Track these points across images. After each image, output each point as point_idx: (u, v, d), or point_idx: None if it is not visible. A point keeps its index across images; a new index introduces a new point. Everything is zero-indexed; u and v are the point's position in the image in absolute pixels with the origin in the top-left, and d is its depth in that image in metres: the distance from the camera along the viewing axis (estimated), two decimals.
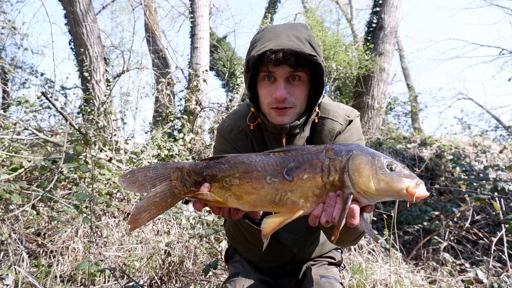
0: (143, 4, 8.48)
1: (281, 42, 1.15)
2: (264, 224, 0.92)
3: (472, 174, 5.05)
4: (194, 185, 0.99)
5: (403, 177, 0.87)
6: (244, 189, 0.95)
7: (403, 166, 0.89)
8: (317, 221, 0.91)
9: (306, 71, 1.22)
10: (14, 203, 2.93)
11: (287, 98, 1.21)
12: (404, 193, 0.86)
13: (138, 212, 0.96)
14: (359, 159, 0.89)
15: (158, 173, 0.99)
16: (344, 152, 0.92)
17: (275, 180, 0.92)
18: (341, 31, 11.46)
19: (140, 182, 0.98)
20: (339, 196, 0.89)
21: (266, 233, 0.91)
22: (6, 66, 7.02)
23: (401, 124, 11.14)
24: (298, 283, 1.49)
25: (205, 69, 7.50)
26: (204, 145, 5.81)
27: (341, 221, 0.86)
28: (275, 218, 0.93)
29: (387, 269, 2.71)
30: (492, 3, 17.08)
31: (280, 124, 1.25)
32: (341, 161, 0.90)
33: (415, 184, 0.87)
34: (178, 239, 2.97)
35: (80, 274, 2.59)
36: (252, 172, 0.95)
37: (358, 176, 0.87)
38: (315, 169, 0.91)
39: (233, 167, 0.97)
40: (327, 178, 0.90)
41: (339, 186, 0.90)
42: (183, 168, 0.99)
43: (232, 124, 1.41)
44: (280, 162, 0.94)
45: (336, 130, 1.33)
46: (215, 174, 0.97)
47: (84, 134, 3.68)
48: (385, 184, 0.86)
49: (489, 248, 3.20)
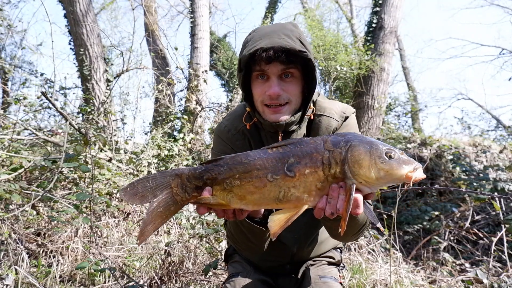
0: (143, 4, 8.48)
1: (271, 40, 1.17)
2: (271, 222, 0.92)
3: (472, 174, 5.04)
4: (196, 190, 0.98)
5: (402, 163, 0.88)
6: (246, 189, 0.94)
7: (401, 152, 0.91)
8: (322, 214, 0.92)
9: (299, 67, 1.24)
10: (14, 203, 2.93)
11: (281, 95, 1.22)
12: (403, 178, 0.88)
13: (145, 226, 0.96)
14: (358, 150, 0.90)
15: (157, 182, 0.98)
16: (343, 143, 0.92)
17: (277, 177, 0.92)
18: (341, 31, 11.45)
19: (141, 193, 0.97)
20: (342, 187, 0.90)
21: (275, 231, 0.91)
22: (6, 66, 7.02)
23: (401, 124, 11.13)
24: (298, 283, 1.49)
25: (205, 69, 7.50)
26: (204, 145, 5.81)
27: (347, 212, 0.87)
28: (281, 215, 0.93)
29: (387, 269, 2.71)
30: (493, 3, 17.09)
31: (275, 122, 1.26)
32: (340, 153, 0.91)
33: (413, 168, 0.88)
34: (178, 239, 2.97)
35: (80, 274, 2.59)
36: (252, 171, 0.94)
37: (359, 168, 0.88)
38: (315, 163, 0.91)
39: (232, 168, 0.96)
40: (328, 171, 0.91)
41: (341, 178, 0.91)
42: (182, 174, 0.99)
43: (229, 125, 1.42)
44: (279, 158, 0.94)
45: (333, 127, 1.34)
46: (215, 177, 0.97)
47: (84, 134, 3.68)
48: (385, 172, 0.88)
49: (489, 248, 3.20)
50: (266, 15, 10.69)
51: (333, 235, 1.32)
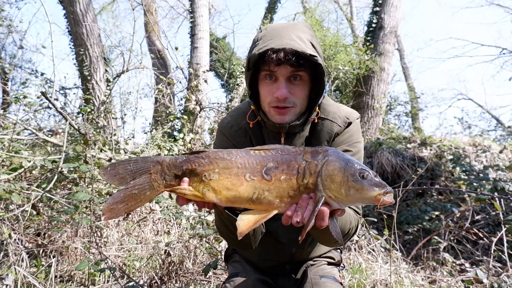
0: (143, 4, 8.48)
1: (283, 42, 1.15)
2: (240, 221, 0.94)
3: (472, 174, 5.04)
4: (174, 179, 1.00)
5: (373, 185, 0.90)
6: (223, 185, 0.96)
7: (374, 175, 0.92)
8: (289, 221, 0.94)
9: (307, 71, 1.23)
10: (14, 203, 2.93)
11: (288, 98, 1.21)
12: (372, 199, 0.90)
13: (114, 202, 0.96)
14: (333, 165, 0.92)
15: (138, 166, 1.00)
16: (321, 156, 0.95)
17: (254, 178, 0.95)
18: (341, 31, 11.45)
19: (121, 175, 0.98)
20: (312, 198, 0.93)
21: (242, 231, 0.93)
22: (6, 66, 7.02)
23: (401, 124, 11.15)
24: (298, 283, 1.49)
25: (205, 69, 7.50)
26: (204, 145, 5.81)
27: (309, 222, 0.90)
28: (251, 216, 0.95)
29: (387, 269, 2.71)
30: (493, 3, 17.08)
31: (280, 123, 1.25)
32: (316, 165, 0.94)
33: (384, 192, 0.89)
34: (178, 239, 2.97)
35: (80, 274, 2.59)
36: (232, 168, 0.96)
37: (331, 182, 0.91)
38: (292, 170, 0.94)
39: (213, 162, 0.98)
40: (301, 181, 0.94)
41: (312, 189, 0.93)
42: (163, 162, 1.00)
43: (232, 121, 1.41)
44: (259, 161, 0.96)
45: (334, 132, 1.34)
46: (195, 169, 0.98)
47: (84, 134, 3.68)
48: (355, 191, 0.90)
49: (489, 248, 3.20)
50: (266, 15, 10.68)
51: (320, 241, 1.34)
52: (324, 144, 1.35)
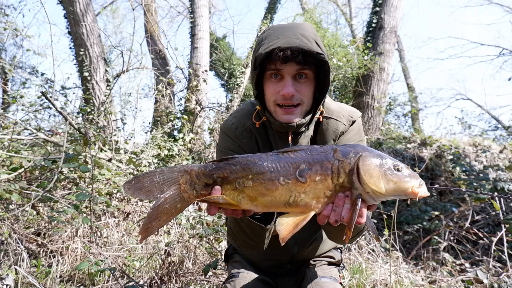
0: (143, 4, 8.48)
1: (289, 40, 1.16)
2: (280, 226, 0.92)
3: (472, 174, 5.04)
4: (205, 188, 0.96)
5: (409, 177, 0.91)
6: (258, 191, 0.93)
7: (406, 167, 0.93)
8: (326, 220, 0.94)
9: (313, 69, 1.24)
10: (14, 203, 2.93)
11: (294, 95, 1.22)
12: (409, 192, 0.90)
13: (149, 221, 0.93)
14: (369, 161, 0.92)
15: (165, 177, 0.95)
16: (352, 153, 0.94)
17: (289, 181, 0.92)
18: (340, 31, 11.46)
19: (147, 188, 0.94)
20: (348, 196, 0.93)
21: (284, 236, 0.91)
22: (6, 66, 7.02)
23: (401, 124, 11.15)
24: (298, 283, 1.49)
25: (205, 69, 7.50)
26: (204, 145, 5.81)
27: (353, 221, 0.90)
28: (289, 219, 0.93)
29: (387, 269, 2.71)
30: (492, 2, 17.06)
31: (287, 123, 1.25)
32: (349, 163, 0.93)
33: (419, 184, 0.91)
34: (178, 239, 2.97)
35: (80, 274, 2.59)
36: (265, 173, 0.93)
37: (369, 177, 0.90)
38: (326, 170, 0.93)
39: (246, 168, 0.95)
40: (337, 180, 0.93)
41: (348, 187, 0.93)
42: (192, 171, 0.96)
43: (236, 122, 1.41)
44: (291, 163, 0.94)
45: (340, 130, 1.35)
46: (227, 176, 0.95)
47: (84, 134, 3.68)
48: (393, 184, 0.90)
49: (489, 248, 3.20)
50: (266, 15, 10.68)
51: (332, 238, 1.34)
52: (330, 143, 1.35)
